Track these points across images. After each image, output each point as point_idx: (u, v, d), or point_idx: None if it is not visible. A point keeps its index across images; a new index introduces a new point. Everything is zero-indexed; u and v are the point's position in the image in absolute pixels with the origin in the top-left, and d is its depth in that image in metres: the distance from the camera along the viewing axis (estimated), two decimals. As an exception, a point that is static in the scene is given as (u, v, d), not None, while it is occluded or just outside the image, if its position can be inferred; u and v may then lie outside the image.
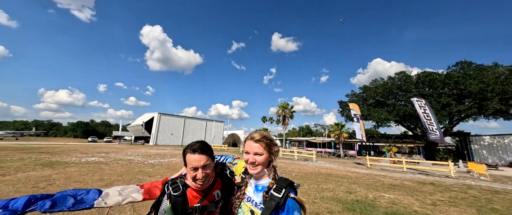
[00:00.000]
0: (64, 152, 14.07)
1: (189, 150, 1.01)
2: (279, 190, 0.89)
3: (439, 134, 14.00)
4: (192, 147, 1.01)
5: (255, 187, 1.00)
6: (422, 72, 23.38)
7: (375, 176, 9.58)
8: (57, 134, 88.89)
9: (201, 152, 1.00)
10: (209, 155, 1.04)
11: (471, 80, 18.79)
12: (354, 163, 16.23)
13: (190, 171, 0.99)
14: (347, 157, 24.88)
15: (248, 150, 0.99)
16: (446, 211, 4.53)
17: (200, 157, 0.99)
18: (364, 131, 19.62)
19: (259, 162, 0.97)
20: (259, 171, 0.97)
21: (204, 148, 1.03)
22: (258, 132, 1.05)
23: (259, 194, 0.95)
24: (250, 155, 0.97)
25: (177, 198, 0.99)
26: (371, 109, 24.96)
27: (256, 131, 1.07)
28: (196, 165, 0.98)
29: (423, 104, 15.39)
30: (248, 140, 1.02)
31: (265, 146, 0.98)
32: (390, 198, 5.37)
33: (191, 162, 0.98)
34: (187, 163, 1.01)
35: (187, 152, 1.02)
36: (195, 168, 0.99)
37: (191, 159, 0.99)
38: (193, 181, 1.01)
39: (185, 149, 1.05)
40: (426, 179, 9.44)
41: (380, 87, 25.57)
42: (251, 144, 0.99)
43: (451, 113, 20.07)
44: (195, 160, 0.98)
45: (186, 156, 1.02)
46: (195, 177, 0.99)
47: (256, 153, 0.97)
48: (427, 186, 7.44)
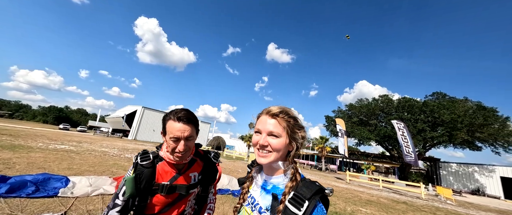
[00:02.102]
0: (29, 136, 12.78)
1: (173, 116, 0.87)
2: (299, 203, 0.56)
3: (414, 156, 14.88)
4: (177, 114, 0.87)
5: (263, 186, 0.70)
6: (402, 97, 25.07)
7: (353, 191, 9.83)
8: (24, 117, 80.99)
9: (187, 121, 0.87)
10: (195, 126, 0.92)
11: (444, 110, 20.46)
12: (334, 177, 16.58)
13: (170, 141, 0.85)
14: (328, 171, 25.41)
15: (259, 128, 0.68)
16: (417, 229, 4.74)
17: (184, 127, 0.86)
18: (347, 147, 20.28)
19: (273, 147, 0.64)
20: (271, 160, 0.65)
21: (190, 117, 0.89)
22: (279, 106, 0.70)
23: (267, 197, 0.66)
24: (261, 136, 0.66)
25: (144, 169, 0.86)
26: (355, 127, 26.01)
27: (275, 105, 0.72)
28: (179, 135, 0.85)
29: (402, 127, 16.39)
30: (263, 115, 0.70)
31: (285, 125, 0.65)
32: (367, 213, 5.50)
33: (172, 131, 0.85)
34: (168, 131, 0.86)
35: (169, 118, 0.88)
36: (177, 138, 0.85)
37: (174, 127, 0.85)
38: (170, 154, 0.89)
39: (167, 115, 0.90)
40: (399, 198, 9.88)
41: (365, 107, 26.90)
42: (266, 120, 0.67)
43: (425, 139, 21.52)
44: (179, 130, 0.85)
45: (167, 123, 0.88)
46: (174, 149, 0.86)
47: (271, 133, 0.65)
48: (400, 205, 7.76)
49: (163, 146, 0.96)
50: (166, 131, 0.89)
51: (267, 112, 0.68)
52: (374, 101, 27.13)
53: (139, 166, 0.86)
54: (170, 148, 0.88)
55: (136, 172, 0.85)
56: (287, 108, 0.70)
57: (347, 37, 22.59)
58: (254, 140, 0.68)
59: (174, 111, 0.89)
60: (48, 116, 76.62)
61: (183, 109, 0.91)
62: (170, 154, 0.90)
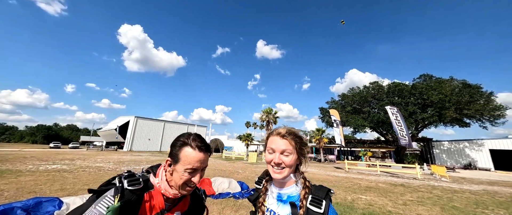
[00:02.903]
0: (18, 159, 12.26)
1: (191, 143, 0.75)
2: (319, 202, 0.69)
3: (408, 139, 15.32)
4: (196, 141, 0.76)
5: (278, 197, 0.80)
6: (392, 82, 25.66)
7: (353, 179, 10.04)
8: (10, 139, 77.68)
9: (205, 150, 0.77)
10: (209, 155, 0.82)
11: (432, 91, 21.12)
12: (333, 167, 16.86)
13: (185, 173, 0.73)
14: (327, 161, 25.81)
15: (272, 148, 0.78)
16: (416, 210, 4.89)
17: (205, 157, 0.76)
18: (343, 136, 20.63)
19: (287, 164, 0.76)
20: (285, 175, 0.76)
21: (208, 146, 0.79)
22: (286, 127, 0.83)
23: (285, 207, 0.75)
24: (275, 154, 0.77)
25: (132, 197, 0.68)
26: (349, 116, 26.48)
27: (283, 126, 0.85)
28: (198, 166, 0.74)
29: (395, 111, 16.81)
30: (273, 136, 0.81)
31: (294, 144, 0.78)
32: (367, 200, 5.63)
33: (191, 161, 0.73)
34: (183, 161, 0.73)
35: (184, 144, 0.75)
36: (195, 170, 0.74)
37: (193, 157, 0.73)
38: (180, 188, 0.75)
39: (181, 140, 0.76)
40: (397, 181, 10.17)
41: (357, 95, 27.39)
42: (277, 140, 0.78)
43: (416, 120, 22.19)
44: (199, 160, 0.74)
45: (182, 150, 0.75)
46: (187, 182, 0.74)
47: (284, 151, 0.76)
48: (398, 188, 8.00)
49: (160, 172, 0.79)
50: (178, 158, 0.74)
51: (278, 133, 0.80)
52: (366, 89, 27.65)
53: (126, 192, 0.68)
54: (182, 181, 0.74)
55: (122, 200, 0.66)
56: (294, 129, 0.84)
57: (342, 23, 22.55)
58: (268, 158, 0.80)
59: (190, 137, 0.77)
60: (36, 135, 73.77)
61: (199, 136, 0.79)
62: (178, 188, 0.75)
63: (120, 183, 0.70)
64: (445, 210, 5.01)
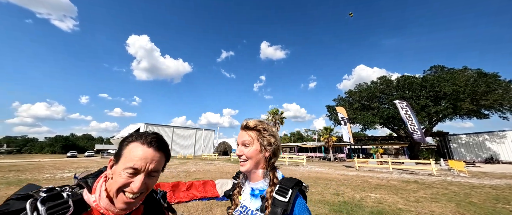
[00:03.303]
0: (37, 169, 12.94)
1: (139, 138, 0.59)
2: (284, 192, 0.67)
3: (420, 133, 14.70)
4: (146, 137, 0.60)
5: (251, 192, 0.78)
6: (401, 76, 24.81)
7: (363, 177, 9.74)
8: (32, 150, 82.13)
9: (157, 147, 0.60)
10: (165, 157, 0.64)
11: (445, 83, 20.18)
12: (343, 166, 16.45)
13: (124, 173, 0.55)
14: (337, 160, 25.22)
15: (237, 141, 0.79)
16: (428, 207, 4.66)
17: (153, 155, 0.58)
18: (351, 134, 20.13)
19: (247, 155, 0.75)
20: (248, 168, 0.75)
21: (163, 142, 0.63)
22: (254, 119, 0.80)
23: (256, 201, 0.74)
24: (238, 147, 0.78)
25: None
26: (357, 113, 25.82)
27: (247, 119, 0.81)
28: (140, 166, 0.56)
29: (405, 105, 16.21)
30: (240, 129, 0.81)
31: (256, 135, 0.76)
32: (376, 198, 5.44)
33: (133, 159, 0.56)
34: (124, 159, 0.57)
35: (131, 140, 0.59)
36: (136, 170, 0.55)
37: (138, 153, 0.57)
38: (115, 196, 0.55)
39: (129, 136, 0.61)
40: (410, 178, 9.75)
41: (364, 91, 26.69)
42: (240, 132, 0.79)
43: (429, 114, 21.25)
44: (144, 157, 0.56)
45: (127, 147, 0.58)
46: (124, 186, 0.55)
47: (243, 143, 0.76)
48: (411, 185, 7.66)
49: (97, 186, 0.59)
50: (120, 157, 0.58)
51: (241, 127, 0.81)
52: (373, 84, 26.89)
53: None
54: (117, 184, 0.55)
55: None
56: (262, 120, 0.81)
57: (350, 15, 21.73)
58: (237, 151, 0.79)
59: (141, 132, 0.62)
60: (55, 146, 77.64)
61: (155, 133, 0.64)
62: (113, 196, 0.56)
63: (34, 211, 0.45)
64: (461, 206, 4.73)
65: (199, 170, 12.22)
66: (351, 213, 4.07)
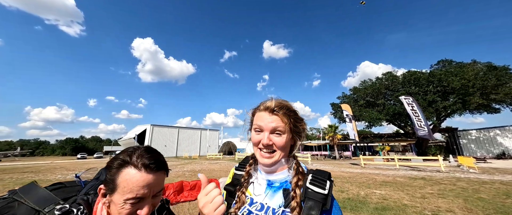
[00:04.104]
0: (49, 170, 13.41)
1: (134, 162, 0.52)
2: (322, 182, 0.55)
3: (427, 130, 14.40)
4: (143, 159, 0.52)
5: (268, 185, 0.63)
6: (407, 71, 24.31)
7: (368, 174, 9.65)
8: (44, 153, 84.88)
9: (157, 168, 0.53)
10: (165, 173, 0.59)
11: (453, 77, 19.65)
12: (349, 164, 16.30)
13: (126, 205, 0.49)
14: (343, 158, 25.00)
15: (261, 126, 0.61)
16: (435, 202, 4.60)
17: (155, 179, 0.52)
18: (356, 131, 19.90)
19: (278, 146, 0.60)
20: (276, 160, 0.61)
21: (161, 162, 0.56)
22: (275, 99, 0.64)
23: (276, 196, 0.60)
24: (263, 134, 0.60)
25: None
26: (362, 110, 25.48)
27: (271, 98, 0.65)
28: (144, 193, 0.51)
29: (411, 101, 15.90)
30: (261, 111, 0.64)
31: (287, 121, 0.61)
32: (381, 194, 5.40)
33: (133, 188, 0.49)
34: (122, 188, 0.50)
35: (122, 164, 0.52)
36: (140, 199, 0.50)
37: (136, 181, 0.50)
38: None
39: (122, 159, 0.52)
40: (417, 174, 9.59)
41: (369, 87, 26.30)
42: (265, 116, 0.61)
43: (437, 110, 20.76)
44: (146, 184, 0.51)
45: (120, 174, 0.51)
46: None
47: (275, 129, 0.60)
48: (418, 181, 7.55)
49: (98, 209, 0.55)
50: (115, 185, 0.51)
51: (266, 108, 0.62)
52: (378, 80, 26.46)
53: None
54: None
55: None
56: (286, 101, 0.65)
57: (362, 3, 20.93)
58: (256, 139, 0.62)
59: (134, 153, 0.53)
60: (65, 148, 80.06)
61: (148, 149, 0.56)
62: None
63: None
64: (469, 201, 4.65)
65: (204, 170, 12.37)
66: (355, 210, 4.07)
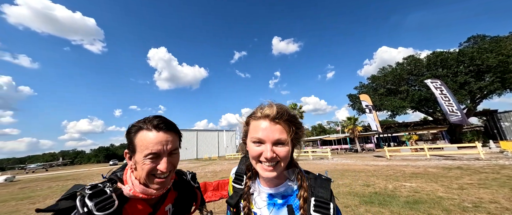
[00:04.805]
0: (87, 177, 14.83)
1: (145, 126, 0.60)
2: (325, 207, 0.52)
3: (460, 114, 13.11)
4: (151, 121, 0.60)
5: (270, 200, 0.60)
6: (432, 53, 22.31)
7: (395, 166, 9.10)
8: (81, 161, 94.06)
9: (166, 128, 0.61)
10: (177, 135, 0.66)
11: (488, 54, 17.58)
12: (372, 157, 15.52)
13: (146, 161, 0.58)
14: (365, 151, 23.88)
15: (261, 139, 0.55)
16: (475, 193, 4.19)
17: (166, 137, 0.60)
18: (378, 122, 18.84)
19: (282, 157, 0.55)
20: (278, 172, 0.56)
21: (170, 123, 0.63)
22: (274, 105, 0.57)
23: (281, 213, 0.57)
24: (266, 147, 0.54)
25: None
26: (383, 99, 24.00)
27: (269, 103, 0.59)
28: (159, 150, 0.58)
29: (439, 84, 14.59)
30: (259, 119, 0.57)
31: (289, 129, 0.55)
32: (411, 187, 5.07)
33: (149, 145, 0.57)
34: (140, 147, 0.58)
35: (138, 129, 0.60)
36: (157, 154, 0.58)
37: (150, 140, 0.58)
38: (147, 181, 0.59)
39: (134, 125, 0.62)
40: (452, 164, 8.80)
41: (389, 74, 24.66)
42: (267, 126, 0.55)
43: (471, 92, 18.76)
44: (158, 142, 0.58)
45: (136, 136, 0.59)
46: (153, 170, 0.59)
47: (278, 140, 0.54)
48: (453, 171, 6.93)
49: (127, 176, 0.63)
50: (135, 146, 0.59)
51: (266, 116, 0.55)
52: (399, 66, 24.68)
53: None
54: (145, 171, 0.58)
55: None
56: (284, 106, 0.59)
57: None
58: (256, 151, 0.55)
59: (144, 119, 0.63)
60: (99, 156, 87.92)
61: (158, 116, 0.63)
62: (145, 181, 0.60)
63: (84, 207, 0.51)
64: (517, 191, 4.16)
65: (225, 170, 12.70)
66: (384, 204, 3.88)
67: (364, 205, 3.88)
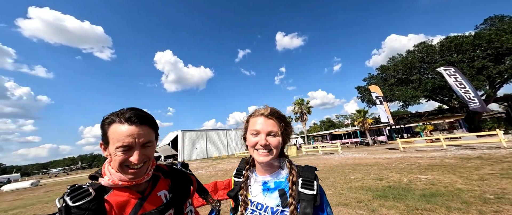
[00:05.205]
0: (105, 179, 15.49)
1: (117, 118, 0.61)
2: (310, 184, 0.65)
3: (478, 101, 12.42)
4: (123, 114, 0.62)
5: (264, 186, 0.73)
6: (445, 38, 21.17)
7: (409, 159, 8.81)
8: (99, 164, 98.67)
9: (139, 121, 0.62)
10: (153, 128, 0.67)
11: (508, 35, 16.44)
12: (385, 149, 15.11)
13: (118, 152, 0.60)
14: (377, 144, 23.28)
15: (257, 129, 0.71)
16: (497, 184, 3.98)
17: (137, 130, 0.61)
18: (390, 113, 18.26)
19: (274, 146, 0.70)
20: (272, 157, 0.70)
21: (143, 116, 0.64)
22: (268, 107, 0.75)
23: (272, 196, 0.69)
24: (261, 136, 0.70)
25: (84, 213, 0.55)
26: (394, 89, 23.16)
27: (265, 106, 0.77)
28: (130, 143, 0.60)
29: (453, 72, 13.87)
30: (256, 117, 0.74)
31: (279, 125, 0.72)
32: (427, 179, 4.89)
33: (120, 138, 0.59)
34: (112, 140, 0.61)
35: (110, 122, 0.62)
36: (128, 147, 0.60)
37: (121, 132, 0.60)
38: (120, 171, 0.62)
39: (110, 118, 0.63)
40: (471, 153, 8.39)
41: (399, 63, 23.72)
42: (262, 121, 0.72)
43: (490, 76, 17.68)
44: (130, 134, 0.60)
45: (109, 128, 0.62)
46: (125, 161, 0.60)
47: (271, 132, 0.70)
48: (472, 161, 6.61)
49: (105, 168, 0.66)
50: (108, 139, 0.62)
51: (261, 114, 0.74)
52: (410, 54, 23.65)
53: (74, 210, 0.55)
54: (117, 162, 0.60)
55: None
56: (276, 108, 0.76)
57: None
58: (253, 141, 0.71)
59: (118, 111, 0.64)
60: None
61: (133, 108, 0.65)
62: (119, 171, 0.62)
63: (63, 203, 0.56)
64: (545, 181, 3.90)
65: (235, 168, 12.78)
66: (398, 198, 3.77)
67: (378, 200, 3.80)
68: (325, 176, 6.54)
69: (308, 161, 11.89)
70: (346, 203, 3.80)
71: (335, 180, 5.91)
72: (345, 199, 4.06)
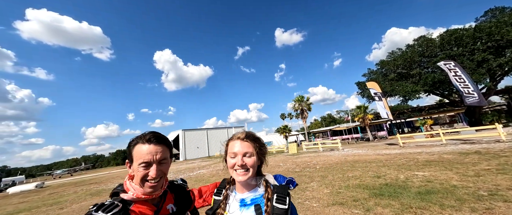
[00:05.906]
0: (108, 180, 15.72)
1: (139, 140, 0.76)
2: (283, 199, 0.75)
3: (477, 95, 12.40)
4: (145, 136, 0.76)
5: (241, 203, 0.80)
6: (445, 31, 21.00)
7: (408, 154, 8.87)
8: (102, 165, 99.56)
9: (156, 141, 0.76)
10: (168, 147, 0.81)
11: (508, 27, 16.29)
12: (385, 145, 15.16)
13: (140, 168, 0.73)
14: (377, 139, 23.34)
15: (234, 152, 0.79)
16: (492, 180, 4.03)
17: (155, 148, 0.75)
18: (389, 109, 18.26)
19: (249, 165, 0.77)
20: (250, 176, 0.77)
21: (160, 137, 0.78)
22: (243, 131, 0.87)
23: (249, 211, 0.77)
24: (238, 157, 0.78)
25: None
26: (394, 84, 23.12)
27: (242, 130, 0.90)
28: (150, 159, 0.73)
29: (453, 66, 13.80)
30: (233, 140, 0.83)
31: (254, 146, 0.80)
32: (424, 176, 4.95)
33: (141, 156, 0.73)
34: (135, 158, 0.74)
35: (134, 143, 0.76)
36: (148, 163, 0.73)
37: (142, 150, 0.73)
38: (141, 185, 0.74)
39: (132, 140, 0.78)
40: (470, 148, 8.44)
41: (399, 58, 23.62)
42: (238, 144, 0.80)
43: (490, 69, 17.61)
44: (149, 152, 0.73)
45: (134, 148, 0.75)
46: (145, 177, 0.73)
47: (246, 153, 0.78)
48: (470, 156, 6.66)
49: (127, 184, 0.78)
50: (132, 158, 0.75)
51: (237, 138, 0.82)
52: (410, 48, 23.54)
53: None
54: (139, 177, 0.73)
55: None
56: (251, 132, 0.87)
57: None
58: (231, 162, 0.79)
59: (141, 134, 0.79)
60: (117, 159, 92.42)
61: (153, 132, 0.79)
62: (140, 185, 0.74)
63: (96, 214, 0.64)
64: (539, 176, 3.95)
65: (236, 166, 12.92)
66: (394, 196, 3.84)
67: (374, 198, 3.86)
68: (324, 174, 6.62)
69: (308, 159, 11.98)
70: (342, 202, 3.87)
71: (333, 178, 5.98)
72: (342, 198, 4.13)
